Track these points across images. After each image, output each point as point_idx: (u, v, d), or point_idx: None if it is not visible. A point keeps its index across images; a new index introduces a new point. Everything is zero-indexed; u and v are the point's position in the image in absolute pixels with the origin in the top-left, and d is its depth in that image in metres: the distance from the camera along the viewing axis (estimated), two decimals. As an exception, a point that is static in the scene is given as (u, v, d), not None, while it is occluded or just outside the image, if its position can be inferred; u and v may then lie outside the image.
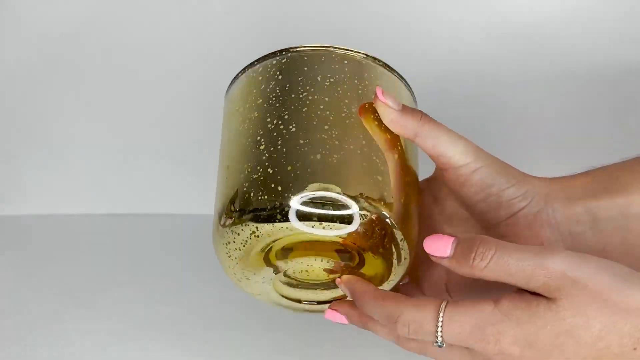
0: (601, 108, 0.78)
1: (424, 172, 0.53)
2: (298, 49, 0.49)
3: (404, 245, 0.46)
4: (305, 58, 0.49)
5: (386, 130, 0.47)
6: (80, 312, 0.68)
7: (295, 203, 0.43)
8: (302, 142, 0.44)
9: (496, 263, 0.40)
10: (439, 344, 0.41)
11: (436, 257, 0.43)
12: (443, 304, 0.41)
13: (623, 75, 0.75)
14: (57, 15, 0.77)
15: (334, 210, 0.43)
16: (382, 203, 0.44)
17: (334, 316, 0.49)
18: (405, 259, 0.47)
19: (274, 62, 0.49)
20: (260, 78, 0.49)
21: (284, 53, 0.49)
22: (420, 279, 0.52)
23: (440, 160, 0.48)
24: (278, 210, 0.43)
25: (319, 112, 0.46)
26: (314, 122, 0.45)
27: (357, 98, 0.47)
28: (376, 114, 0.47)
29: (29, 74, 0.81)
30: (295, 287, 0.51)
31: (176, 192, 0.85)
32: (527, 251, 0.40)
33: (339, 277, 0.48)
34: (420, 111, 0.48)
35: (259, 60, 0.50)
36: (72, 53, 0.79)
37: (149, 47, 0.78)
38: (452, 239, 0.42)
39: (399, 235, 0.45)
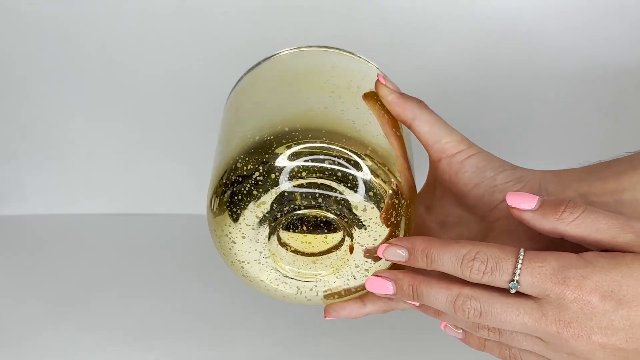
0: (599, 107, 0.78)
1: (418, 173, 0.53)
2: (299, 48, 0.51)
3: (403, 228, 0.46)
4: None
5: (388, 115, 0.49)
6: (80, 312, 0.68)
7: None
8: None
9: (586, 217, 0.41)
10: (514, 283, 0.40)
11: (519, 209, 0.43)
12: (522, 249, 0.41)
13: (621, 74, 0.75)
14: (57, 15, 0.77)
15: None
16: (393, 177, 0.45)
17: (378, 285, 0.45)
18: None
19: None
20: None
21: (287, 51, 0.51)
22: None
23: (435, 148, 0.48)
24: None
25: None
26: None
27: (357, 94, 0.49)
28: (378, 101, 0.49)
29: (29, 73, 0.81)
30: (295, 265, 0.49)
31: (176, 192, 0.86)
32: (612, 214, 0.41)
33: (387, 244, 0.45)
34: (419, 98, 0.49)
35: (264, 61, 0.51)
36: (72, 53, 0.79)
37: (149, 47, 0.78)
38: (537, 196, 0.43)
39: (406, 211, 0.46)
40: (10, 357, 0.63)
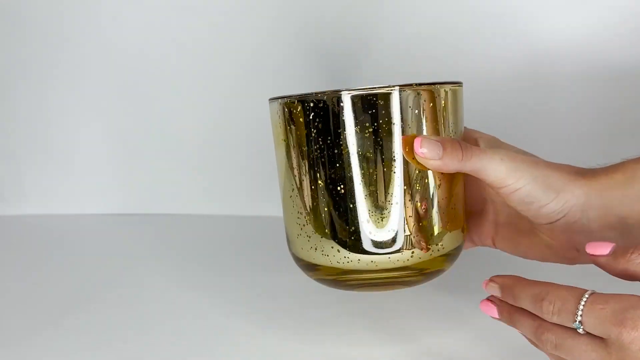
0: (609, 107, 0.78)
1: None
2: (334, 94, 0.50)
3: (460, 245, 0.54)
4: (342, 104, 0.49)
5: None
6: (80, 312, 0.69)
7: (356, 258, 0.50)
8: (351, 206, 0.50)
9: None
10: (577, 323, 0.43)
11: (595, 255, 0.46)
12: (589, 291, 0.44)
13: (630, 74, 0.75)
14: (58, 15, 0.77)
15: (391, 252, 0.50)
16: (431, 238, 0.51)
17: (488, 308, 0.51)
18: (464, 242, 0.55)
19: (312, 104, 0.50)
20: (300, 119, 0.50)
21: (319, 95, 0.50)
22: (470, 231, 0.58)
23: (485, 181, 0.51)
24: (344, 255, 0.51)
25: (362, 171, 0.49)
26: (360, 184, 0.49)
27: (397, 140, 0.49)
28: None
29: (29, 74, 0.81)
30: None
31: (176, 192, 0.86)
32: None
33: (488, 280, 0.51)
34: (460, 146, 0.50)
35: (297, 97, 0.51)
36: (73, 54, 0.79)
37: (149, 47, 0.78)
38: (612, 244, 0.46)
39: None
40: (10, 357, 0.63)
